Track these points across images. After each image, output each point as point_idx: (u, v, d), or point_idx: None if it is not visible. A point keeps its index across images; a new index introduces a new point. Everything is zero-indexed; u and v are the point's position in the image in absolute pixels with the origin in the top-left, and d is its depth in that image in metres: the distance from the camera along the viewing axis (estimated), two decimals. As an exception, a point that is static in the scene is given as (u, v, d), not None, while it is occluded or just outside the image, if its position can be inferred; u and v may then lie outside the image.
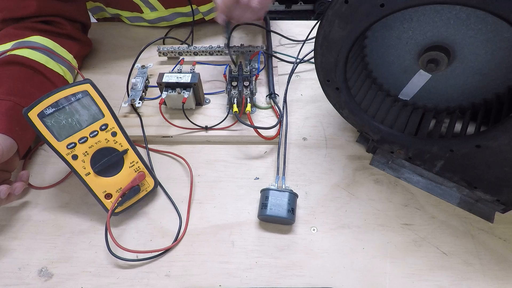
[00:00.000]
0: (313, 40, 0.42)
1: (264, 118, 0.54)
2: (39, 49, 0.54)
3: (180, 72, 0.53)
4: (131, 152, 0.44)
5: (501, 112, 0.38)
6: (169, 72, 0.53)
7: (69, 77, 0.58)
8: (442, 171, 0.44)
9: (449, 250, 0.42)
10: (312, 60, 0.61)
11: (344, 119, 0.48)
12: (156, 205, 0.47)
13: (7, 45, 0.52)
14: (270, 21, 0.71)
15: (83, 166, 0.42)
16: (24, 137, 0.46)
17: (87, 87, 0.41)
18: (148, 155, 0.51)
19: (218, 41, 0.68)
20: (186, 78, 0.52)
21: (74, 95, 0.40)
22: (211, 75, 0.61)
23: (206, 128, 0.53)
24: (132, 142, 0.44)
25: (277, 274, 0.41)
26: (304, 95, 0.59)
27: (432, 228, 0.44)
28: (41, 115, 0.39)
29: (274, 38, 0.69)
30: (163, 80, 0.51)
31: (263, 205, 0.43)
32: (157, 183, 0.46)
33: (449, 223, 0.44)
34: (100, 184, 0.42)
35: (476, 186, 0.43)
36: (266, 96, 0.56)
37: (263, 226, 0.45)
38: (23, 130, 0.45)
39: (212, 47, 0.63)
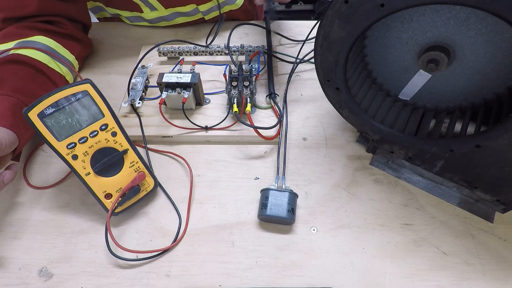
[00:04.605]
0: (313, 40, 0.42)
1: (264, 118, 0.54)
2: (41, 49, 0.54)
3: (180, 72, 0.53)
4: (131, 152, 0.44)
5: (501, 112, 0.38)
6: (169, 72, 0.53)
7: (69, 77, 0.59)
8: (442, 171, 0.44)
9: (449, 250, 0.42)
10: (312, 60, 0.61)
11: (344, 119, 0.48)
12: (156, 205, 0.47)
13: (10, 44, 0.52)
14: (270, 21, 0.71)
15: (83, 166, 0.42)
16: (25, 135, 0.46)
17: (87, 87, 0.41)
18: (148, 155, 0.51)
19: (218, 41, 0.68)
20: (186, 78, 0.52)
21: (74, 95, 0.40)
22: (211, 75, 0.61)
23: (206, 128, 0.53)
24: (132, 142, 0.44)
25: (277, 274, 0.41)
26: (304, 95, 0.59)
27: (432, 228, 0.44)
28: (41, 115, 0.39)
29: (274, 38, 0.68)
30: (163, 80, 0.51)
31: (263, 205, 0.43)
32: (157, 183, 0.46)
33: (449, 223, 0.44)
34: (100, 184, 0.42)
35: (476, 186, 0.43)
36: (266, 96, 0.56)
37: (263, 226, 0.45)
38: (25, 128, 0.45)
39: (212, 47, 0.63)
